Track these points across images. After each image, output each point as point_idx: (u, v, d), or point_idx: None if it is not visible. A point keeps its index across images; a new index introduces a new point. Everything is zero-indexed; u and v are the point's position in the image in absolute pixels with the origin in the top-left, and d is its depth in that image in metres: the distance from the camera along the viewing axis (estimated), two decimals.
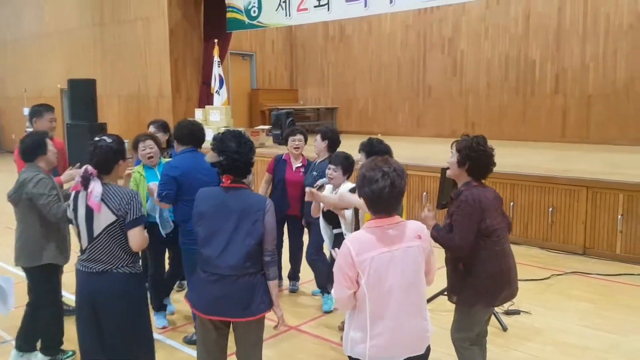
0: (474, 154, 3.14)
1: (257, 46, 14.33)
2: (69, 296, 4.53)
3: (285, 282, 5.36)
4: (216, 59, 10.95)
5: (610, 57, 10.20)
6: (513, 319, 4.62)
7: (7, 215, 3.87)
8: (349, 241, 2.42)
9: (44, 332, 3.85)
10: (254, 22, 11.13)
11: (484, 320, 3.30)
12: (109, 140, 3.01)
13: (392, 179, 2.37)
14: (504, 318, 4.52)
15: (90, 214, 2.92)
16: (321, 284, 4.93)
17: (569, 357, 4.03)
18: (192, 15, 11.94)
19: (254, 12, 11.08)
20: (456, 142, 3.24)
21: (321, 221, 4.38)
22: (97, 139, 3.04)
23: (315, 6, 9.98)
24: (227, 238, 2.86)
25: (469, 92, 12.09)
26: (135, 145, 4.55)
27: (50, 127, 4.57)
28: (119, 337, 2.98)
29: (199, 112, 11.05)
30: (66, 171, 4.04)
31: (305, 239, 5.09)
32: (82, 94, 11.29)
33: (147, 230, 4.25)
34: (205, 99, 11.65)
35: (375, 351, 2.39)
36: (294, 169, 5.09)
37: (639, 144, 9.62)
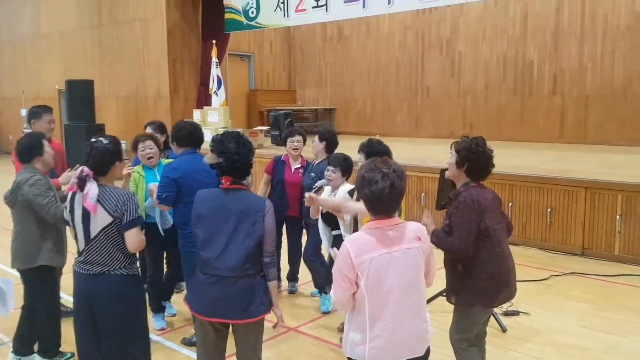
0: (472, 155, 3.14)
1: (255, 47, 14.32)
2: (67, 298, 4.51)
3: (284, 283, 5.35)
4: (214, 59, 10.94)
5: (608, 58, 10.22)
6: (512, 319, 4.62)
7: (5, 217, 3.85)
8: (348, 242, 2.42)
9: (41, 335, 3.83)
10: (252, 23, 11.13)
11: (482, 321, 3.30)
12: (105, 142, 2.99)
13: (391, 180, 2.36)
14: (503, 319, 4.52)
15: (87, 216, 2.90)
16: (319, 285, 4.92)
17: (568, 357, 4.04)
18: (190, 16, 11.93)
19: (252, 13, 11.08)
20: (455, 143, 3.24)
21: (320, 223, 4.38)
22: (93, 140, 3.01)
23: (313, 7, 9.97)
24: (226, 239, 2.85)
25: (467, 93, 12.10)
26: (134, 146, 4.55)
27: (49, 129, 4.56)
28: (115, 339, 2.97)
29: (197, 112, 11.03)
30: (64, 173, 4.02)
31: (304, 240, 5.08)
32: (80, 95, 11.25)
33: (145, 230, 4.28)
34: (204, 99, 11.63)
35: (375, 353, 2.38)
36: (292, 170, 5.08)
37: (636, 144, 9.64)
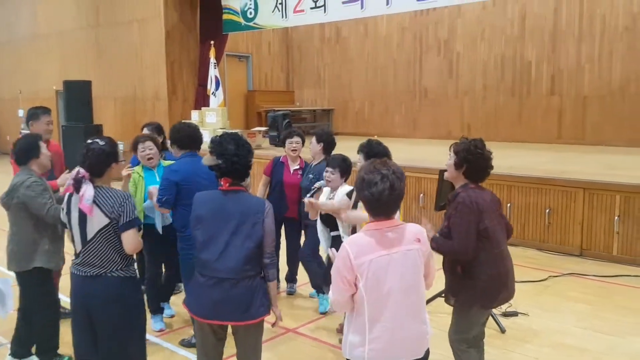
0: (471, 156, 3.14)
1: (254, 48, 14.31)
2: (65, 299, 4.50)
3: (283, 285, 5.34)
4: (212, 60, 10.91)
5: (606, 59, 10.24)
6: (511, 320, 4.62)
7: (2, 218, 3.84)
8: (347, 244, 2.41)
9: (39, 337, 3.81)
10: (250, 24, 11.12)
11: (481, 322, 3.30)
12: (101, 143, 2.98)
13: (391, 181, 2.36)
14: (501, 320, 4.52)
15: (83, 217, 2.90)
16: (316, 285, 4.93)
17: (567, 358, 4.04)
18: (188, 16, 11.91)
19: (250, 14, 11.07)
20: (454, 145, 3.25)
21: (319, 224, 4.38)
22: (89, 141, 3.00)
23: (311, 8, 9.96)
24: (225, 241, 2.84)
25: (465, 94, 12.11)
26: (134, 147, 4.55)
27: (47, 130, 4.55)
28: (112, 342, 2.96)
29: (195, 113, 11.01)
30: (62, 174, 4.01)
31: (303, 241, 5.08)
32: (77, 96, 11.23)
33: (144, 232, 4.28)
34: (202, 100, 11.61)
35: (374, 355, 2.37)
36: (291, 171, 5.08)
37: (634, 145, 9.66)
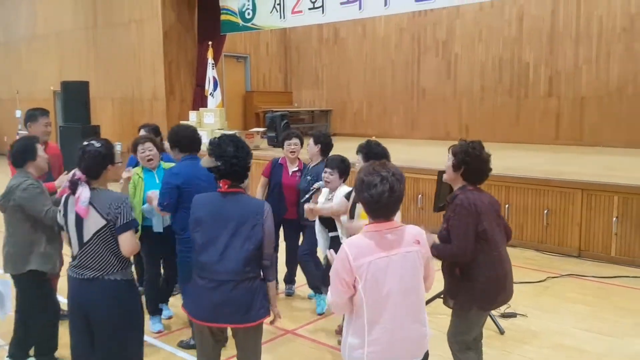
0: (469, 158, 3.15)
1: (252, 48, 14.30)
2: (63, 300, 4.49)
3: (281, 286, 5.34)
4: (210, 61, 10.91)
5: (604, 60, 10.25)
6: (510, 321, 4.62)
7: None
8: (346, 245, 2.40)
9: (37, 339, 3.80)
10: (248, 25, 11.11)
11: (480, 324, 3.30)
12: (97, 145, 2.96)
13: (391, 183, 2.35)
14: (500, 321, 4.52)
15: (80, 220, 2.88)
16: (313, 285, 4.93)
17: None
18: (186, 17, 11.91)
19: (248, 15, 11.06)
20: (453, 147, 3.26)
21: (317, 224, 4.37)
22: (85, 143, 2.98)
23: (309, 8, 9.96)
24: (225, 244, 2.84)
25: (463, 95, 12.12)
26: (134, 148, 4.54)
27: (45, 132, 4.54)
28: (110, 344, 2.95)
29: (193, 114, 11.00)
30: (61, 176, 4.00)
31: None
32: (75, 97, 11.21)
33: (142, 233, 4.27)
34: (200, 101, 11.60)
35: (374, 357, 2.36)
36: (290, 173, 5.07)
37: (632, 146, 9.67)
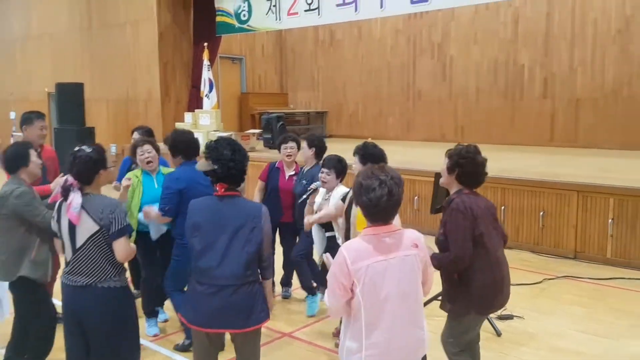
0: (463, 160, 3.16)
1: (247, 50, 14.28)
2: (58, 303, 4.46)
3: (278, 288, 5.32)
4: (206, 62, 10.87)
5: (599, 62, 10.29)
6: (506, 324, 4.62)
7: None
8: (344, 249, 2.40)
9: (32, 344, 3.76)
10: (244, 26, 11.11)
11: (475, 327, 3.29)
12: (88, 150, 2.93)
13: (389, 187, 2.35)
14: (497, 323, 4.52)
15: (72, 225, 2.87)
16: (306, 287, 4.93)
17: None
18: (181, 18, 11.89)
19: (244, 16, 11.06)
20: (448, 150, 3.28)
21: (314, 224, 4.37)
22: (76, 149, 2.96)
23: (305, 10, 9.97)
24: (225, 248, 2.83)
25: (458, 97, 12.13)
26: (133, 151, 4.54)
27: (41, 135, 4.52)
28: (102, 352, 2.93)
29: (188, 116, 10.97)
30: (57, 179, 3.98)
31: None
32: (70, 98, 11.18)
33: (138, 237, 4.25)
34: (195, 102, 11.58)
35: None
36: (287, 177, 5.05)
37: (627, 148, 9.70)
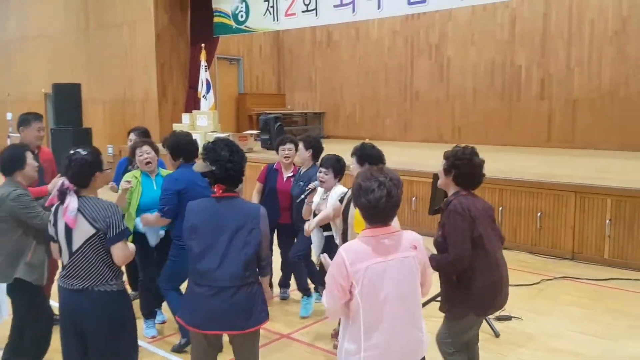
0: (459, 161, 3.16)
1: (245, 51, 14.27)
2: (55, 304, 4.45)
3: (276, 290, 5.31)
4: (203, 63, 10.86)
5: (596, 62, 10.31)
6: (505, 324, 4.63)
7: None
8: (343, 250, 2.39)
9: (29, 346, 3.76)
10: (242, 27, 11.10)
11: (473, 328, 3.29)
12: (83, 153, 2.91)
13: (388, 188, 2.35)
14: (495, 324, 4.52)
15: (69, 229, 2.86)
16: (302, 287, 4.93)
17: None
18: (178, 19, 11.88)
19: (242, 17, 11.05)
20: (446, 151, 3.28)
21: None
22: (71, 152, 2.94)
23: (303, 11, 9.96)
24: (224, 249, 2.83)
25: (455, 98, 12.14)
26: (132, 153, 4.56)
27: (38, 137, 4.51)
28: (100, 355, 2.92)
29: (186, 116, 10.95)
30: (54, 179, 3.97)
31: None
32: (67, 99, 11.13)
33: (135, 237, 4.24)
34: (192, 103, 11.57)
35: None
36: (284, 178, 5.04)
37: (624, 148, 9.71)
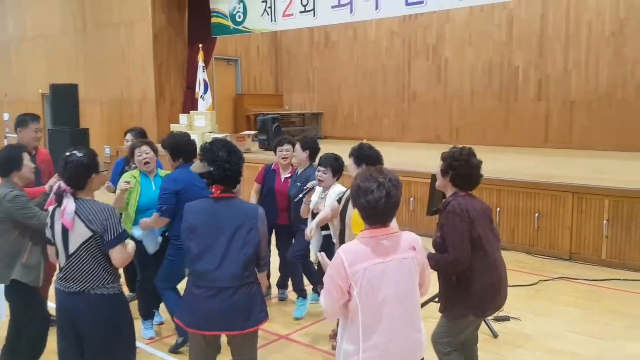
0: (456, 162, 3.16)
1: (242, 51, 14.26)
2: (52, 305, 4.44)
3: (274, 291, 5.31)
4: (201, 63, 10.85)
5: (593, 64, 10.33)
6: (503, 325, 4.63)
7: None
8: (342, 251, 2.39)
9: (25, 348, 3.74)
10: (239, 27, 11.09)
11: (470, 328, 3.29)
12: (79, 155, 2.90)
13: (387, 189, 2.35)
14: (494, 324, 4.53)
15: (65, 231, 2.85)
16: (298, 289, 4.93)
17: None
18: (176, 19, 11.86)
19: (239, 17, 11.04)
20: (443, 152, 3.28)
21: (310, 222, 4.37)
22: (67, 154, 2.93)
23: (300, 12, 9.96)
24: (223, 250, 2.83)
25: (453, 98, 12.15)
26: (131, 153, 4.58)
27: (35, 137, 4.50)
28: (98, 356, 2.91)
29: (183, 117, 10.94)
30: (52, 179, 3.96)
31: None
32: (64, 99, 11.12)
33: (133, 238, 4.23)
34: (190, 104, 11.56)
35: None
36: (282, 179, 5.03)
37: (621, 149, 9.73)
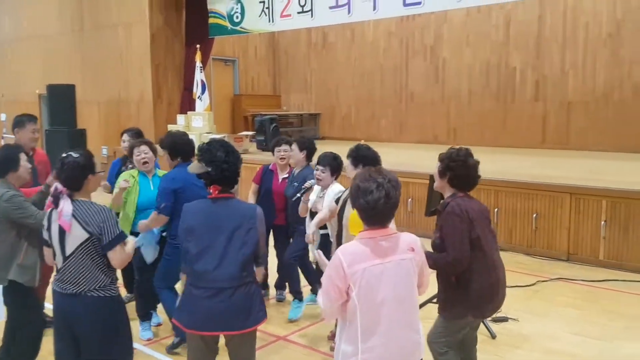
0: (453, 163, 3.16)
1: (240, 52, 14.24)
2: (49, 307, 4.42)
3: (272, 292, 5.30)
4: (198, 64, 10.82)
5: (590, 65, 10.34)
6: (501, 326, 4.63)
7: None
8: (340, 252, 2.38)
9: (20, 349, 3.73)
10: (237, 28, 11.07)
11: (467, 327, 3.29)
12: (75, 156, 2.89)
13: (386, 190, 2.34)
14: (492, 325, 4.52)
15: (62, 233, 2.84)
16: (294, 290, 4.93)
17: None
18: (173, 20, 11.84)
19: (237, 18, 11.03)
20: (440, 153, 3.28)
21: (308, 221, 4.38)
22: (63, 155, 2.92)
23: (298, 12, 9.95)
24: (222, 250, 2.83)
25: (450, 99, 12.16)
26: (130, 152, 4.60)
27: (32, 138, 4.49)
28: (95, 358, 2.90)
29: (181, 118, 10.92)
30: (50, 177, 3.95)
31: None
32: (61, 100, 11.11)
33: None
34: (187, 104, 11.53)
35: None
36: (280, 179, 5.02)
37: (618, 150, 9.75)
